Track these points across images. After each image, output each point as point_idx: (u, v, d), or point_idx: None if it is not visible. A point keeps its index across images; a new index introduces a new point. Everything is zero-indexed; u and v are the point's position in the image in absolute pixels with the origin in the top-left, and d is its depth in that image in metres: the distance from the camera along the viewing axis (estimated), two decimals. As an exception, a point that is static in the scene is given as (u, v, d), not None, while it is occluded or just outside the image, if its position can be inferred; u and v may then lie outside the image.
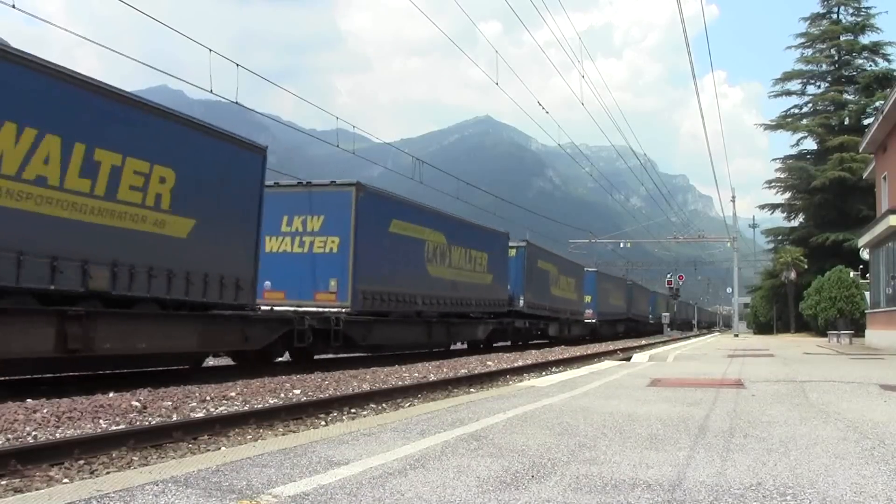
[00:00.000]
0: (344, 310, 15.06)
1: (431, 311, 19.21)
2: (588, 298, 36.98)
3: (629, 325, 49.35)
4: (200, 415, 7.68)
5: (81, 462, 5.39)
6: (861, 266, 30.75)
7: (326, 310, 14.81)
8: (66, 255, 9.25)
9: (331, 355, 16.16)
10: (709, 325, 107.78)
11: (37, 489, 4.45)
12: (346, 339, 15.02)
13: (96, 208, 9.69)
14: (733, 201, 46.41)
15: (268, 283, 14.64)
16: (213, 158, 11.91)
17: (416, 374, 13.21)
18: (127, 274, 10.15)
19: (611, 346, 29.49)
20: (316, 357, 15.51)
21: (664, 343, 31.00)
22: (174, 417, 7.44)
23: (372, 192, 16.50)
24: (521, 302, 25.72)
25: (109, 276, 9.87)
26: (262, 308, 13.95)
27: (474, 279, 22.05)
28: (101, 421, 6.99)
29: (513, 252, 25.62)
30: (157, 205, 10.68)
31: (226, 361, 14.51)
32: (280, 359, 14.69)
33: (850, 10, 46.22)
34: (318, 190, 15.95)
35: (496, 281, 23.52)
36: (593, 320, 37.69)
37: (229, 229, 12.23)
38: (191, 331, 11.30)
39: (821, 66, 47.27)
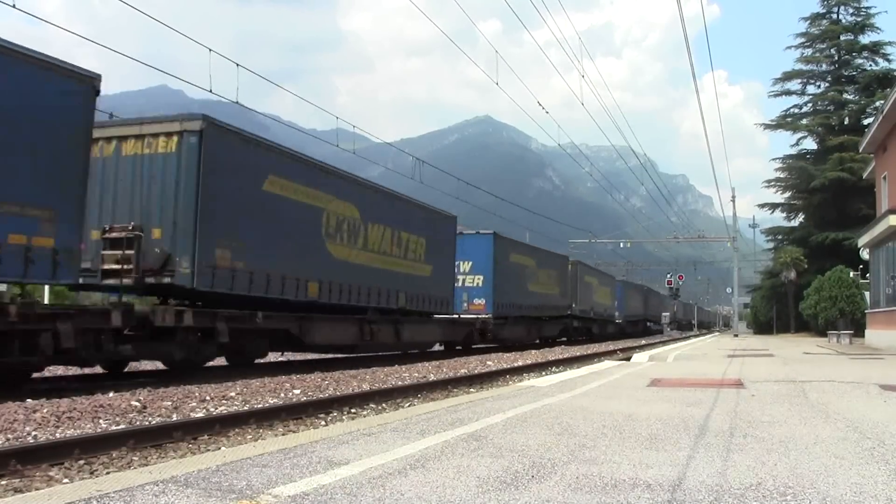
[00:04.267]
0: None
1: None
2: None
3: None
4: (200, 415, 7.68)
5: (81, 462, 5.38)
6: (861, 266, 30.75)
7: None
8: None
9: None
10: (709, 325, 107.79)
11: (37, 489, 4.45)
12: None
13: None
14: (733, 201, 46.47)
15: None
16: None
17: (416, 374, 13.21)
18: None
19: (611, 346, 29.49)
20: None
21: (664, 343, 31.00)
22: (174, 417, 7.44)
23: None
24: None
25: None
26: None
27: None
28: (101, 421, 6.99)
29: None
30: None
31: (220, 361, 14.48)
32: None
33: (850, 10, 46.31)
34: None
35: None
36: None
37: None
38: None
39: (821, 66, 47.32)
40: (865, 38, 45.90)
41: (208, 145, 11.39)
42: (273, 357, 16.39)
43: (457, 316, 22.09)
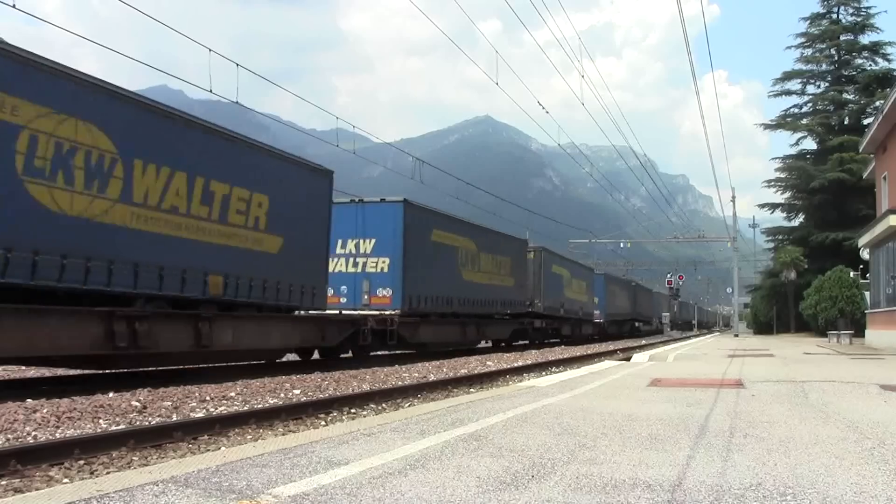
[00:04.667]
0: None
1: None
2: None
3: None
4: (200, 415, 7.68)
5: (81, 462, 5.38)
6: (861, 266, 30.75)
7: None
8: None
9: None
10: (709, 325, 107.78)
11: (37, 489, 4.45)
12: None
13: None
14: (733, 201, 46.42)
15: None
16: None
17: (416, 375, 13.21)
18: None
19: (611, 346, 29.50)
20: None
21: (664, 343, 31.00)
22: (174, 417, 7.44)
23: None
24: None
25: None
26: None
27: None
28: (101, 421, 6.99)
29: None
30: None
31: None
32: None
33: (850, 10, 46.27)
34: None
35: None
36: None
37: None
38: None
39: (821, 66, 47.30)
40: (865, 38, 45.93)
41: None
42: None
43: (336, 312, 16.85)
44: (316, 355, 16.05)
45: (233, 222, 12.19)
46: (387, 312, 17.29)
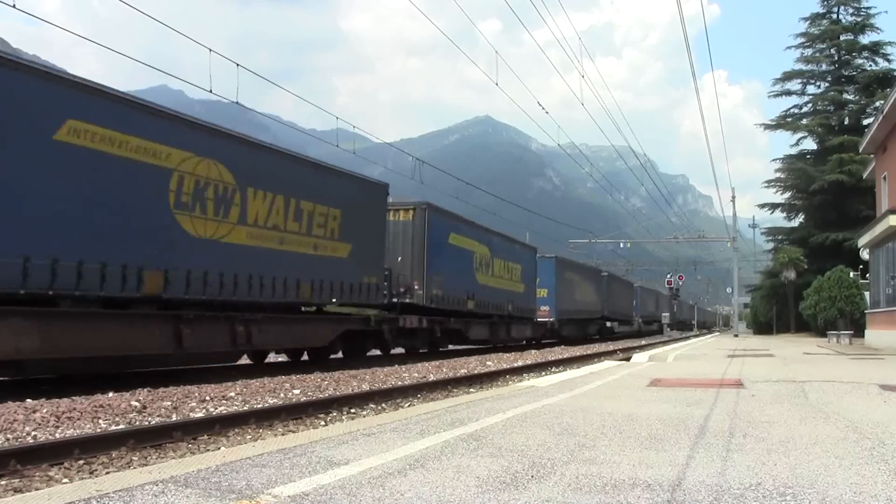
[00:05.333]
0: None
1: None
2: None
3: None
4: (200, 415, 7.68)
5: (81, 462, 5.38)
6: (861, 266, 30.75)
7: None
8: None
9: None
10: (709, 325, 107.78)
11: (37, 489, 4.45)
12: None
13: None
14: (733, 201, 46.43)
15: None
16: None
17: (416, 374, 13.21)
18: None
19: (611, 346, 29.50)
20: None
21: (664, 343, 31.01)
22: (174, 417, 7.44)
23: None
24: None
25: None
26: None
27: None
28: (100, 421, 6.99)
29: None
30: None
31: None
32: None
33: (850, 10, 46.28)
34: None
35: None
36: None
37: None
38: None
39: (821, 66, 47.31)
40: (865, 39, 45.93)
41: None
42: (272, 357, 16.44)
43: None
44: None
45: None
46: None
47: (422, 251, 18.55)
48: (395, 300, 17.73)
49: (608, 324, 43.05)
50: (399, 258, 18.13)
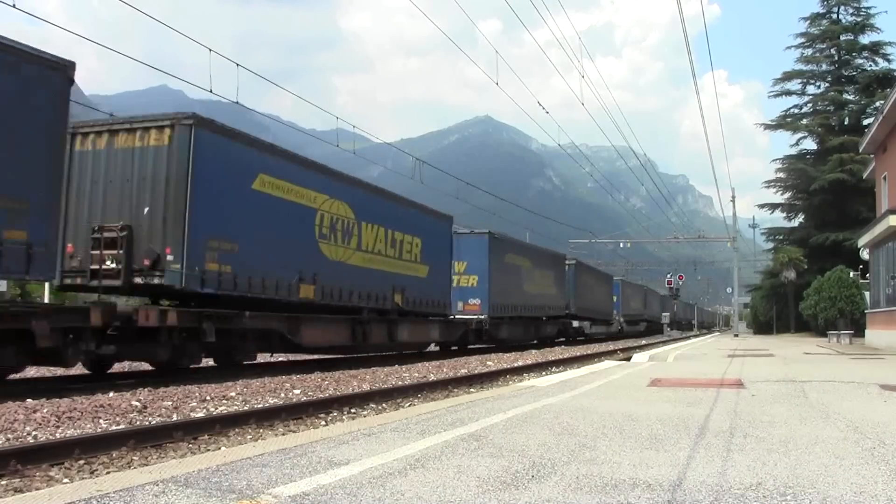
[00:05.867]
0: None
1: None
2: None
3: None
4: (200, 415, 7.68)
5: (81, 462, 5.38)
6: (861, 266, 30.76)
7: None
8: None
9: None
10: (709, 325, 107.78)
11: (37, 489, 4.45)
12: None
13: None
14: (733, 201, 46.44)
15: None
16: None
17: (416, 374, 13.21)
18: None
19: (611, 345, 29.50)
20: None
21: (664, 343, 31.01)
22: (174, 417, 7.44)
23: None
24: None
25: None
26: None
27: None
28: (101, 421, 6.99)
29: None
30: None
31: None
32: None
33: (850, 10, 46.33)
34: None
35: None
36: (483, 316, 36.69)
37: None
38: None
39: (821, 66, 47.33)
40: (865, 39, 45.98)
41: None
42: (272, 357, 16.42)
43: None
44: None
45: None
46: (478, 317, 22.95)
47: (182, 198, 11.33)
48: (136, 280, 11.38)
49: (576, 324, 34.70)
50: (146, 209, 11.41)
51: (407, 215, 18.70)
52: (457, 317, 22.32)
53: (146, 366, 12.75)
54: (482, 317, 23.09)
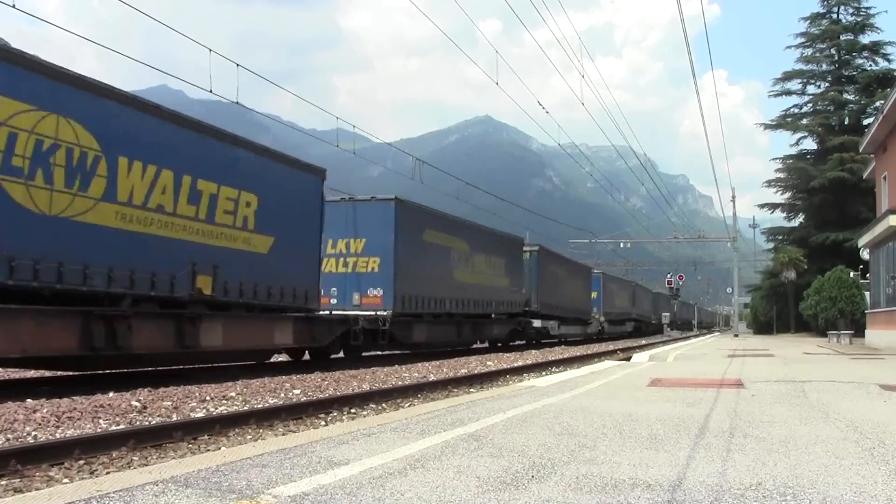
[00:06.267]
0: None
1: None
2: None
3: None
4: (200, 415, 7.68)
5: (81, 462, 5.38)
6: (861, 266, 30.76)
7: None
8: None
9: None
10: (709, 325, 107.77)
11: (37, 489, 4.45)
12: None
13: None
14: (733, 201, 46.44)
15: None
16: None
17: (416, 374, 13.21)
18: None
19: (611, 345, 29.51)
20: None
21: (664, 343, 31.01)
22: (174, 417, 7.44)
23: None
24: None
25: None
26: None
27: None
28: (101, 421, 6.99)
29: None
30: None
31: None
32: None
33: (850, 10, 46.35)
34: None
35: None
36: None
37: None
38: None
39: (821, 66, 47.36)
40: (865, 38, 46.00)
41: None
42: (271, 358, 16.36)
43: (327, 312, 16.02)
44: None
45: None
46: (378, 312, 16.85)
47: None
48: None
49: (538, 323, 28.25)
50: None
51: (228, 157, 12.50)
52: (336, 313, 16.49)
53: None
54: (384, 313, 17.02)
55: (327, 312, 16.11)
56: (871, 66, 45.58)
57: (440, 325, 20.40)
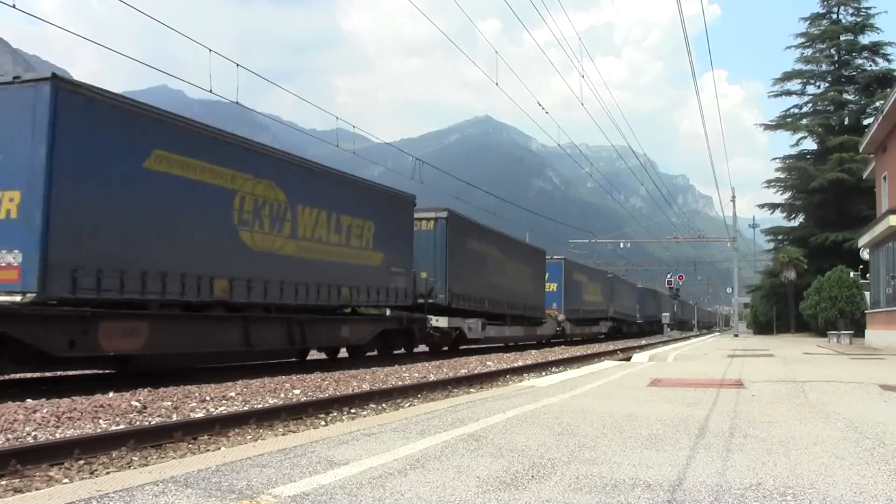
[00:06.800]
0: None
1: None
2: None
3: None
4: (200, 415, 7.68)
5: (81, 462, 5.38)
6: (861, 266, 30.76)
7: None
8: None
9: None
10: (709, 325, 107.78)
11: (37, 489, 4.45)
12: None
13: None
14: (733, 201, 46.44)
15: None
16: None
17: (416, 374, 13.21)
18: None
19: (611, 345, 29.51)
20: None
21: (664, 343, 31.00)
22: (174, 417, 7.43)
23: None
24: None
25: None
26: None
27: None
28: (101, 421, 6.99)
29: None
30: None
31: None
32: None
33: (850, 10, 46.33)
34: None
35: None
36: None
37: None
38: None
39: (821, 66, 47.34)
40: (865, 39, 45.99)
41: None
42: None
43: None
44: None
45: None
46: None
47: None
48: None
49: (439, 321, 19.71)
50: None
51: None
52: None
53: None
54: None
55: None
56: (870, 66, 45.61)
57: (183, 330, 11.34)
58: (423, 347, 20.52)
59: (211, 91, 12.10)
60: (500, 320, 24.41)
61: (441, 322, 19.75)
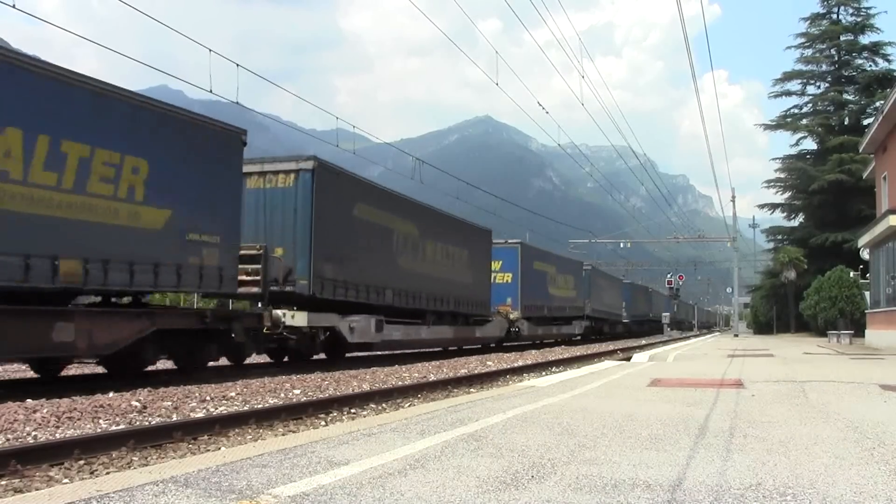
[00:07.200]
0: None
1: None
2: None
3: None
4: (200, 415, 7.68)
5: (81, 462, 5.38)
6: (861, 266, 30.76)
7: None
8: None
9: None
10: (709, 325, 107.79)
11: (37, 489, 4.45)
12: None
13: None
14: (733, 201, 46.44)
15: None
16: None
17: (416, 374, 13.21)
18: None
19: (611, 345, 29.50)
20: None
21: (664, 343, 31.00)
22: (174, 417, 7.43)
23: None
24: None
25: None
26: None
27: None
28: (101, 421, 6.99)
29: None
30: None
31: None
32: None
33: (850, 10, 46.32)
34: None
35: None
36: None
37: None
38: None
39: (821, 67, 47.33)
40: (865, 39, 45.98)
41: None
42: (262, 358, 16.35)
43: None
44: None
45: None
46: None
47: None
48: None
49: (297, 318, 13.94)
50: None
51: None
52: None
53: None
54: None
55: None
56: (870, 66, 45.60)
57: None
58: (264, 357, 15.26)
59: (211, 91, 12.09)
60: (415, 318, 18.87)
61: (298, 319, 13.90)
